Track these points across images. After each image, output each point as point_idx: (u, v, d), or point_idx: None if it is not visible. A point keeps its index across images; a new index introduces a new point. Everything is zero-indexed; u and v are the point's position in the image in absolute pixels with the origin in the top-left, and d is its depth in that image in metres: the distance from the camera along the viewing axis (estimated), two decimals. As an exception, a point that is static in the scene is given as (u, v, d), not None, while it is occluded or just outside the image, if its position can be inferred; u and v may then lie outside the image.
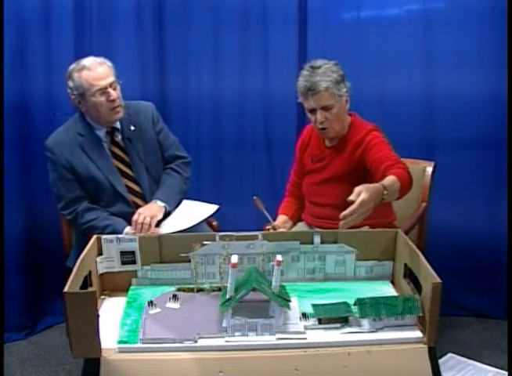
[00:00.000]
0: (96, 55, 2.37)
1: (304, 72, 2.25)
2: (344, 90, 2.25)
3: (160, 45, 2.92)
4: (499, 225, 2.87)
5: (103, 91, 2.28)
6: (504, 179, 2.71)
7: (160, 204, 2.37)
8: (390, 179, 1.92)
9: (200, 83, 2.96)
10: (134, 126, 2.43)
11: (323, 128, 2.28)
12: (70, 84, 2.31)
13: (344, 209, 2.29)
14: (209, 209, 2.41)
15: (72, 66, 2.32)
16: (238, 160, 3.05)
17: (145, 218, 2.27)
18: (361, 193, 1.75)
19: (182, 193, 2.52)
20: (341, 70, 2.26)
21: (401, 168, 2.04)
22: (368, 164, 2.19)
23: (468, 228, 2.96)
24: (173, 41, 2.92)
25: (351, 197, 1.75)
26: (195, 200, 2.53)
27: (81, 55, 2.42)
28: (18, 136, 2.75)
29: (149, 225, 2.27)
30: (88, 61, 2.30)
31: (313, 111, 2.26)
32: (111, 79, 2.30)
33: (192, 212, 2.41)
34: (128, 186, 2.41)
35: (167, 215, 2.39)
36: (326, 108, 2.23)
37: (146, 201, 2.43)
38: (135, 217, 2.29)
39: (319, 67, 2.23)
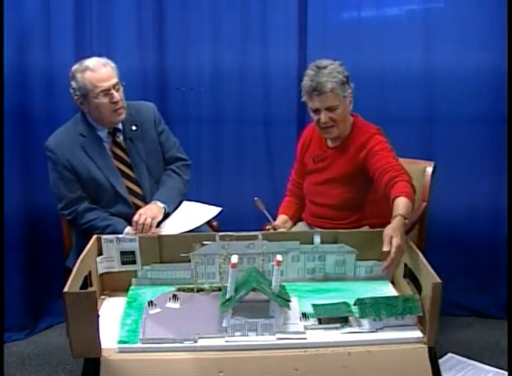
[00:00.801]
0: (97, 49, 2.35)
1: (310, 72, 2.24)
2: (349, 91, 2.25)
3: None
4: (499, 225, 2.87)
5: (106, 92, 2.27)
6: (504, 179, 2.70)
7: (160, 205, 2.37)
8: (403, 204, 1.91)
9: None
10: (135, 126, 2.42)
11: (325, 128, 2.27)
12: (73, 84, 2.30)
13: (345, 210, 2.33)
14: (211, 211, 2.41)
15: (75, 67, 2.30)
16: (239, 158, 3.05)
17: (146, 219, 2.27)
18: (392, 239, 1.76)
19: (182, 195, 2.52)
20: (346, 70, 2.25)
21: (404, 181, 2.03)
22: (371, 171, 2.19)
23: (468, 228, 2.95)
24: (173, 40, 2.91)
25: (385, 248, 1.75)
26: (195, 200, 2.53)
27: (81, 52, 2.41)
28: (18, 136, 2.74)
29: (150, 226, 2.27)
30: (92, 62, 2.29)
31: (317, 111, 2.25)
32: (114, 80, 2.30)
33: (195, 214, 2.40)
34: (128, 187, 2.41)
35: (166, 216, 2.38)
36: (330, 109, 2.23)
37: (147, 202, 2.43)
38: (135, 218, 2.29)
39: (325, 68, 2.22)
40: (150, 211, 2.31)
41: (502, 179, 2.73)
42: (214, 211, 2.41)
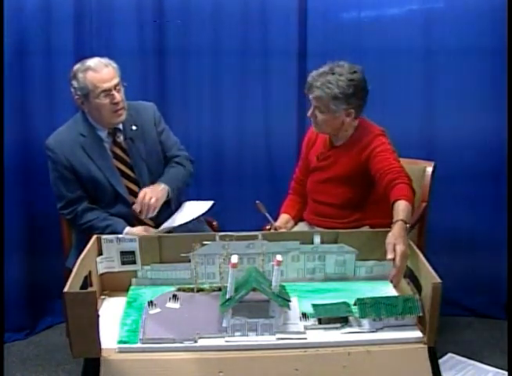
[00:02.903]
0: (96, 53, 2.36)
1: (320, 69, 2.23)
2: (342, 107, 2.20)
3: (161, 45, 2.91)
4: (499, 226, 2.87)
5: (107, 93, 2.27)
6: (504, 179, 2.70)
7: (165, 186, 2.35)
8: (403, 208, 1.91)
9: (200, 88, 2.97)
10: (135, 126, 2.42)
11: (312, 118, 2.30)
12: (75, 84, 2.29)
13: (346, 209, 2.33)
14: (204, 206, 2.41)
15: (77, 66, 2.30)
16: (239, 159, 3.04)
17: (150, 198, 2.26)
18: (396, 246, 1.75)
19: (185, 184, 2.51)
20: (352, 88, 2.18)
21: (404, 183, 2.03)
22: (372, 171, 2.19)
23: (468, 228, 2.96)
24: (173, 41, 2.91)
25: (389, 256, 1.75)
26: (195, 199, 2.53)
27: (81, 53, 2.41)
28: (18, 136, 2.74)
29: (154, 207, 2.27)
30: (94, 62, 2.28)
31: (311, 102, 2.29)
32: (116, 81, 2.29)
33: (188, 210, 2.41)
34: (128, 188, 2.40)
35: (165, 217, 2.38)
36: (318, 108, 2.24)
37: None
38: (140, 195, 2.27)
39: (333, 74, 2.19)
40: (155, 192, 2.30)
41: (503, 179, 2.73)
42: (206, 205, 2.40)
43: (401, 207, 1.90)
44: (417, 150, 2.84)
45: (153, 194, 2.28)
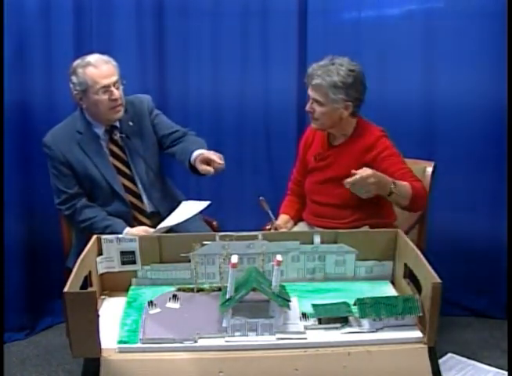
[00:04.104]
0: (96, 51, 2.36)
1: (321, 61, 2.26)
2: (341, 97, 2.22)
3: (160, 43, 2.91)
4: (499, 225, 2.87)
5: (106, 89, 2.27)
6: (504, 179, 2.70)
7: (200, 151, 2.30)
8: (403, 183, 2.12)
9: (200, 85, 2.95)
10: (132, 122, 2.42)
11: (311, 116, 2.31)
12: (74, 79, 2.29)
13: (346, 209, 2.33)
14: (200, 205, 2.41)
15: (77, 62, 2.30)
16: (239, 158, 3.04)
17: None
18: (366, 170, 2.01)
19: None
20: (352, 78, 2.21)
21: (418, 182, 2.20)
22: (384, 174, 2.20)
23: (468, 228, 2.95)
24: (173, 38, 2.90)
25: (355, 171, 2.01)
26: (195, 199, 2.52)
27: (81, 54, 2.41)
28: (18, 136, 2.74)
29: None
30: (94, 58, 2.29)
31: (309, 97, 2.30)
32: (115, 78, 2.30)
33: (185, 209, 2.41)
34: (124, 185, 2.40)
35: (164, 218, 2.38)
36: (316, 101, 2.26)
37: (143, 201, 2.43)
38: (216, 157, 2.20)
39: (333, 64, 2.22)
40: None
41: (503, 179, 2.73)
42: (202, 205, 2.40)
43: (401, 182, 2.11)
44: (417, 150, 2.84)
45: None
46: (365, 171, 2.01)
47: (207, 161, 2.22)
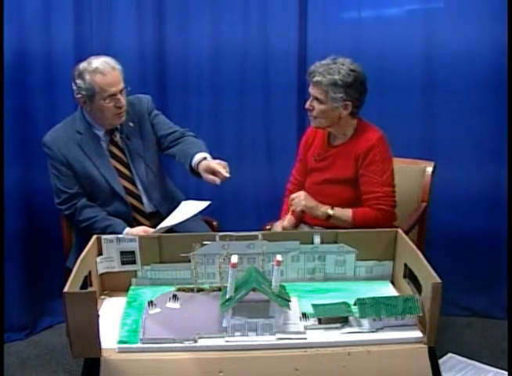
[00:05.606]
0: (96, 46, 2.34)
1: (325, 60, 2.27)
2: (340, 96, 2.22)
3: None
4: (499, 225, 2.87)
5: (113, 97, 2.27)
6: (504, 179, 2.70)
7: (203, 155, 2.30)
8: (344, 210, 2.26)
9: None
10: (132, 122, 2.42)
11: (310, 115, 2.31)
12: (80, 83, 2.27)
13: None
14: (201, 205, 2.41)
15: (83, 66, 2.28)
16: (238, 157, 3.03)
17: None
18: (300, 195, 2.28)
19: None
20: (352, 78, 2.22)
21: (373, 209, 2.24)
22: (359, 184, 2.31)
23: (468, 228, 2.95)
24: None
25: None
26: (195, 199, 2.52)
27: (80, 47, 2.39)
28: (18, 136, 2.74)
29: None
30: (101, 63, 2.26)
31: (309, 95, 2.31)
32: (122, 85, 2.30)
33: (185, 209, 2.41)
34: (124, 187, 2.40)
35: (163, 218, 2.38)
36: (316, 99, 2.26)
37: (143, 202, 2.43)
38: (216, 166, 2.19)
39: (335, 63, 2.24)
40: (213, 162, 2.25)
41: (503, 179, 2.73)
42: (202, 204, 2.39)
43: (343, 209, 2.26)
44: (417, 150, 2.84)
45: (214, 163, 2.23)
46: (300, 195, 2.29)
47: (213, 171, 2.22)
